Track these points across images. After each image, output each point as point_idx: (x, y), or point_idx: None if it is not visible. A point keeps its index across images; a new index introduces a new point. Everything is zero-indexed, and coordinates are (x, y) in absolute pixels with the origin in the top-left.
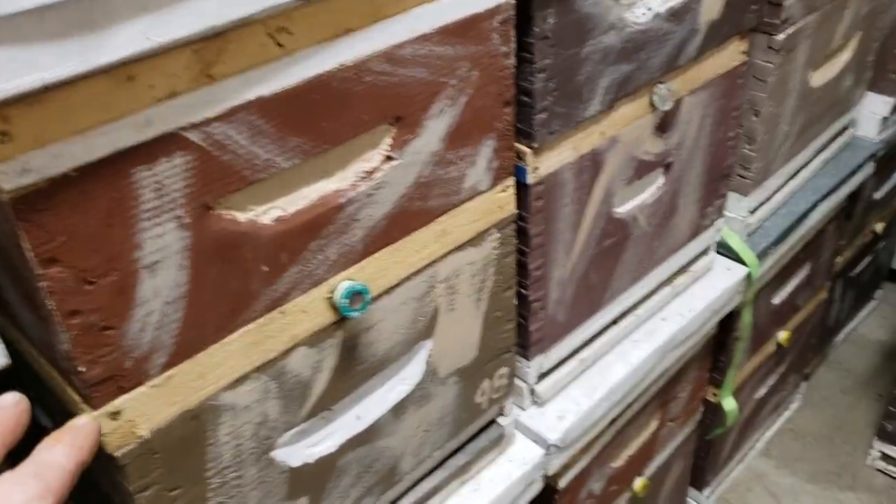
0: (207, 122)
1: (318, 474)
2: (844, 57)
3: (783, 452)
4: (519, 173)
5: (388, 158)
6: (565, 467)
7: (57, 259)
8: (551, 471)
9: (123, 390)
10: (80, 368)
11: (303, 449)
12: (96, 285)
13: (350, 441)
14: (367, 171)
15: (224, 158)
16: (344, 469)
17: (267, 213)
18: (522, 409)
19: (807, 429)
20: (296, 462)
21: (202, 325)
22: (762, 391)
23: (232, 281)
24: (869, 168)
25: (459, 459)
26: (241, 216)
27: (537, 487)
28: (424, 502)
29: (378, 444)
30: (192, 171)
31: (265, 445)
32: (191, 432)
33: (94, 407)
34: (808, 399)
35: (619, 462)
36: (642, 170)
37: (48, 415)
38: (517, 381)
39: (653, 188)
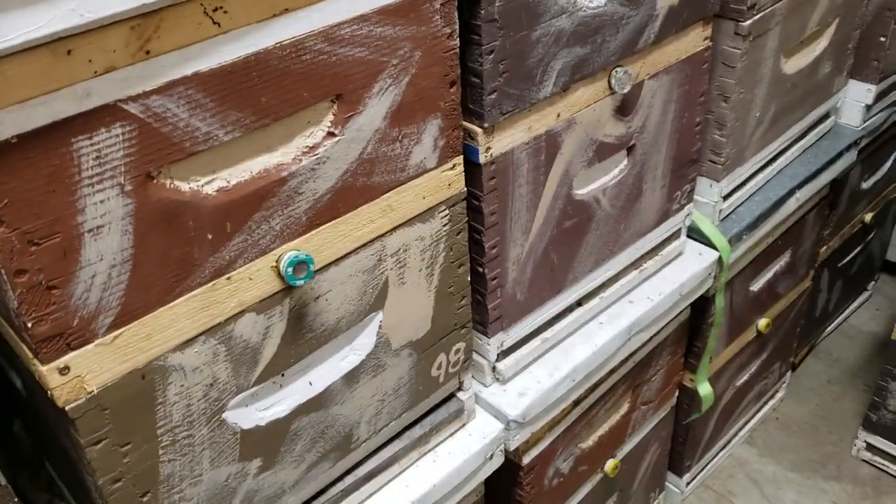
0: (146, 94)
1: (270, 437)
2: (821, 44)
3: (767, 441)
4: (470, 153)
5: (330, 135)
6: (529, 444)
7: (1, 220)
8: (512, 446)
9: (71, 347)
10: (27, 324)
11: (254, 412)
12: (41, 246)
13: (302, 406)
14: (310, 147)
15: (164, 130)
16: (298, 433)
17: (210, 183)
18: (484, 385)
19: (792, 418)
20: (247, 424)
21: (148, 288)
22: (743, 378)
23: (177, 247)
24: (851, 156)
25: (417, 431)
26: (184, 186)
27: (498, 462)
28: (382, 471)
29: (332, 411)
30: (132, 141)
31: (216, 407)
32: (140, 390)
33: (44, 362)
34: (795, 388)
35: (588, 442)
36: (603, 152)
37: (18, 374)
38: (478, 358)
39: (615, 171)
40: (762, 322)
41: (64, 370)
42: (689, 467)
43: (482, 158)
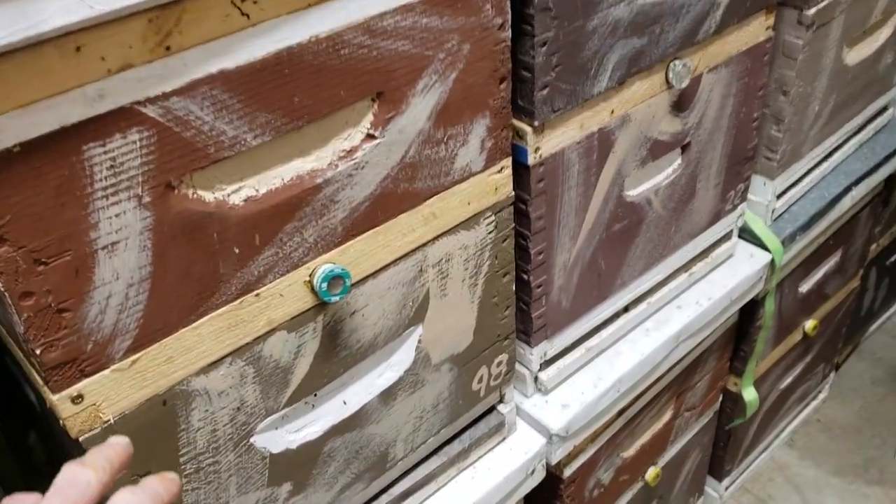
0: (166, 96)
1: (301, 460)
2: (884, 34)
3: (808, 444)
4: (519, 153)
5: (370, 137)
6: (570, 456)
7: (3, 238)
8: (554, 460)
9: (85, 374)
10: (36, 351)
11: (284, 435)
12: (49, 266)
13: (336, 427)
14: (347, 151)
15: (186, 135)
16: (331, 455)
17: (236, 192)
18: (526, 396)
19: (834, 420)
20: (277, 448)
21: (169, 308)
22: (787, 381)
23: (200, 263)
24: None
25: (456, 447)
26: (208, 196)
27: (539, 477)
28: (419, 489)
29: (367, 431)
30: (150, 147)
31: (243, 431)
32: (160, 417)
33: (55, 390)
34: (837, 389)
35: (630, 451)
36: (657, 150)
37: (31, 389)
38: (520, 368)
39: (669, 170)
40: (809, 324)
41: (77, 399)
42: (730, 472)
43: (531, 159)
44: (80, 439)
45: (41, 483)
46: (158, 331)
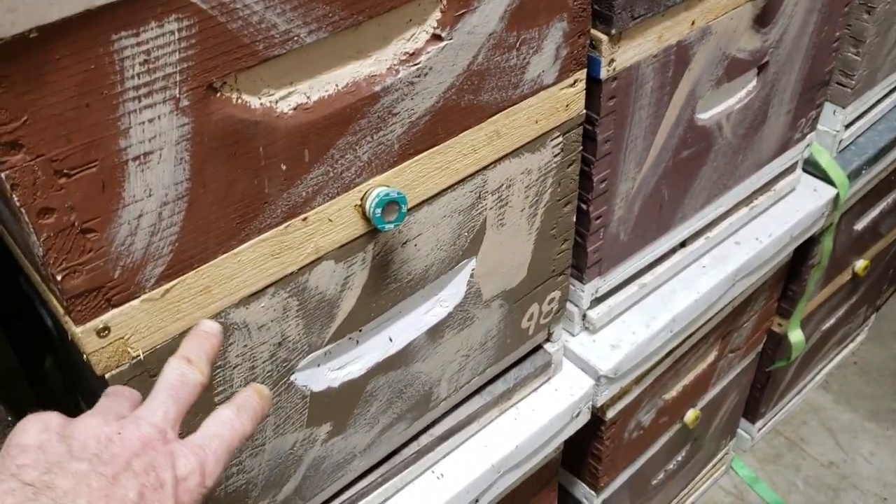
0: None
1: (343, 399)
2: None
3: (844, 387)
4: (591, 65)
5: (436, 38)
6: (615, 398)
7: (19, 143)
8: (600, 402)
9: (112, 304)
10: (56, 276)
11: (326, 372)
12: (72, 178)
13: (380, 365)
14: (409, 53)
15: (232, 26)
16: (373, 394)
17: (285, 98)
18: (572, 334)
19: (872, 363)
20: (318, 386)
21: (207, 232)
22: (830, 322)
23: (243, 180)
24: None
25: (500, 387)
26: (254, 101)
27: (584, 419)
28: (460, 430)
29: (412, 369)
30: (191, 40)
31: (284, 368)
32: None
33: (78, 322)
34: (876, 331)
35: (672, 393)
36: (734, 70)
37: (48, 313)
38: (568, 305)
39: (743, 92)
40: (860, 264)
41: (103, 332)
42: (764, 414)
43: (604, 73)
44: (107, 376)
45: (58, 410)
46: (195, 257)
